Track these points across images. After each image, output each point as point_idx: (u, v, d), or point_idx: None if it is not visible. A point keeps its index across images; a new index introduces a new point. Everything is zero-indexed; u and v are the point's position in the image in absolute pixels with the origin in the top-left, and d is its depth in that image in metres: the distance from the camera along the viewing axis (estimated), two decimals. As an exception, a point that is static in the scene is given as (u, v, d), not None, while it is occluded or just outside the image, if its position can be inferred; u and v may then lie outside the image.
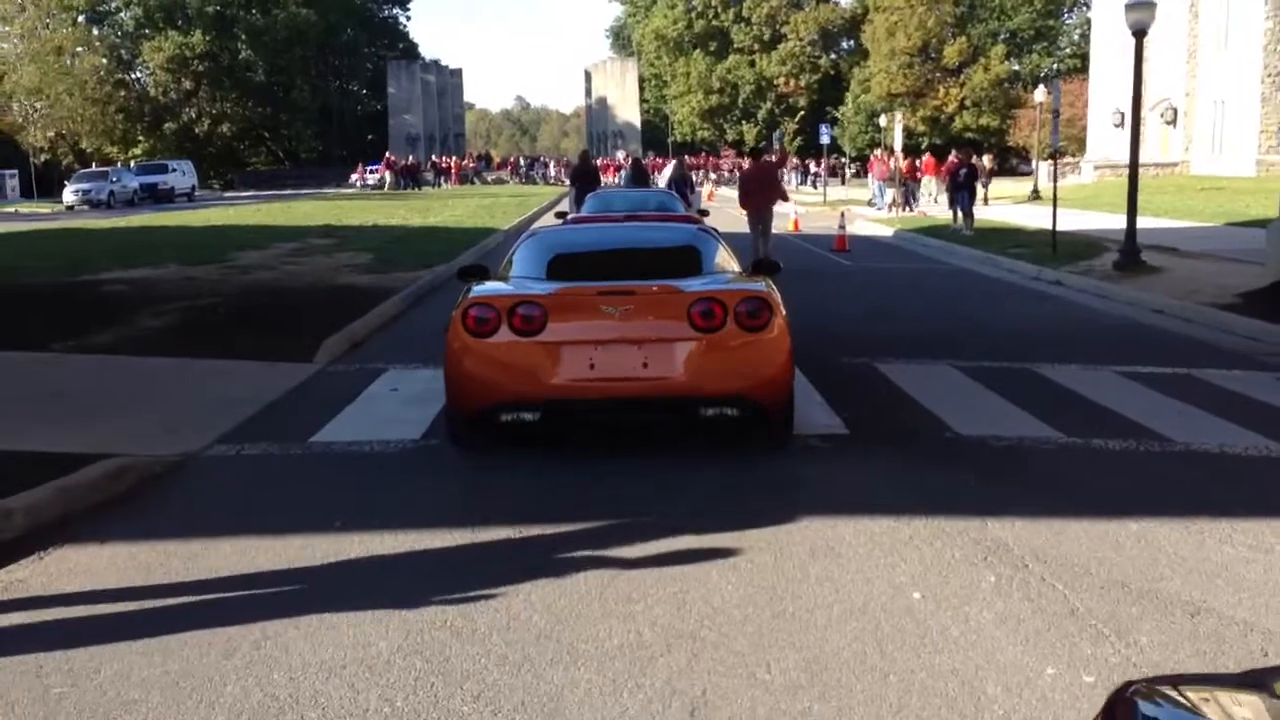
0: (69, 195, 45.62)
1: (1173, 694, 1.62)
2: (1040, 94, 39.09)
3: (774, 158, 22.94)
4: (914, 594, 4.23)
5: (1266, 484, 5.82)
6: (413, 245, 19.96)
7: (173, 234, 23.52)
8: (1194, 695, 1.61)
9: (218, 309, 11.61)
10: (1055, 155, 19.43)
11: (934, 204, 32.90)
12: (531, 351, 5.93)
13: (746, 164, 21.13)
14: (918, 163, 33.75)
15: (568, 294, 6.15)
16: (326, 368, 9.05)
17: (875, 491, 5.56)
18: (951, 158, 25.35)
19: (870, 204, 33.70)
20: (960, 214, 23.61)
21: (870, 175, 37.26)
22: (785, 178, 58.97)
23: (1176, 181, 43.49)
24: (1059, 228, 25.00)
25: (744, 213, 17.35)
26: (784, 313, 6.34)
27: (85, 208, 43.83)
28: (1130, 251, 15.50)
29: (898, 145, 29.41)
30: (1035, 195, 37.08)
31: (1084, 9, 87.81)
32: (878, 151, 39.74)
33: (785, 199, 18.36)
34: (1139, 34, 15.21)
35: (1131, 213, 15.65)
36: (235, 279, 14.37)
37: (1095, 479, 5.85)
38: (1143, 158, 51.17)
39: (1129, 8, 15.33)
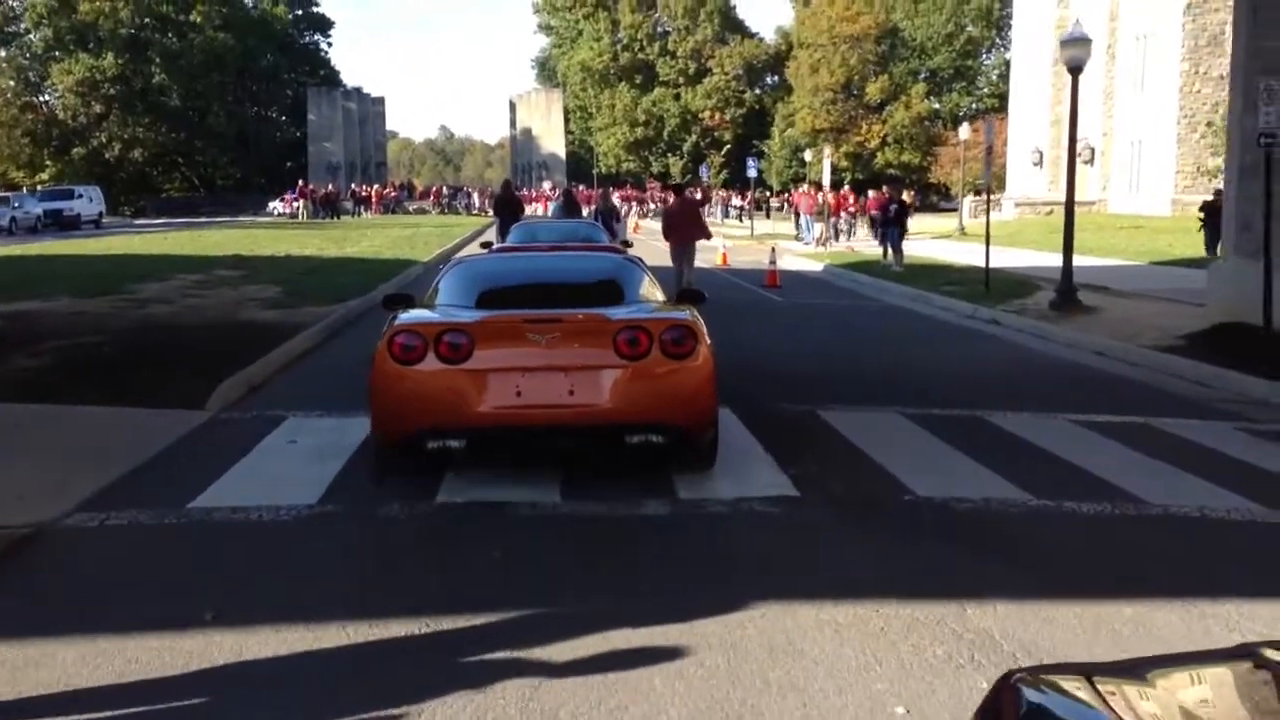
0: (-34, 222, 43.54)
1: (1054, 679, 1.67)
2: (965, 131, 39.37)
3: (698, 194, 22.72)
4: (897, 708, 3.56)
5: (1261, 555, 5.29)
6: (326, 277, 19.02)
7: (70, 263, 22.23)
8: (1073, 682, 1.66)
9: (104, 348, 10.63)
10: (988, 191, 19.16)
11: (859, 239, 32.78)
12: (458, 379, 5.91)
13: (671, 199, 21.09)
14: (850, 197, 33.62)
15: (494, 321, 6.16)
16: (219, 415, 8.18)
17: (836, 568, 4.91)
18: (878, 193, 25.11)
19: (798, 238, 33.43)
20: (890, 250, 23.33)
21: (798, 209, 37.10)
22: (710, 212, 58.99)
23: (1095, 219, 44.01)
24: (975, 263, 25.02)
25: (667, 245, 17.65)
26: (708, 341, 6.36)
27: (-17, 234, 41.87)
28: (1067, 291, 15.21)
29: (826, 180, 29.19)
30: (961, 231, 37.25)
31: (1002, 50, 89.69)
32: (805, 186, 39.71)
33: (708, 236, 18.64)
34: (1074, 70, 14.99)
35: (1068, 251, 15.39)
36: (129, 313, 13.36)
37: (1075, 550, 5.27)
38: (1059, 196, 51.73)
39: (1065, 44, 15.14)
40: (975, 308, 16.31)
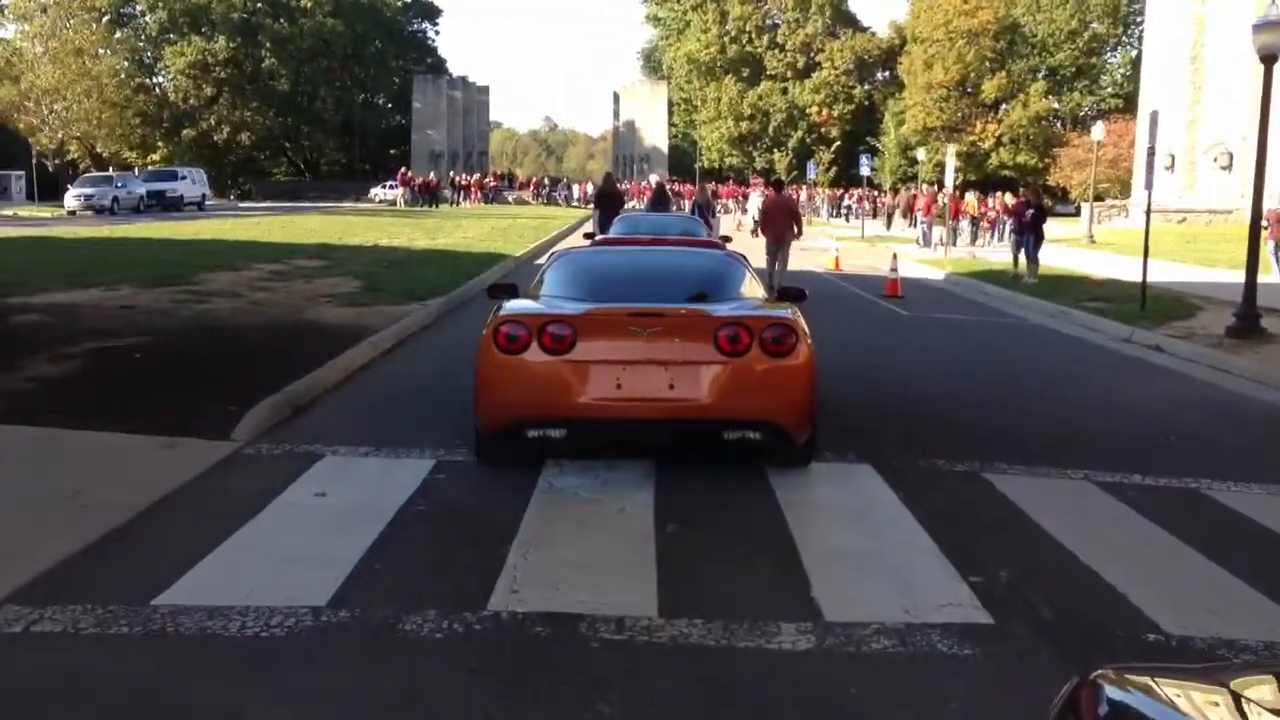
0: (70, 200, 43.69)
1: (1137, 679, 1.67)
2: (1099, 130, 36.65)
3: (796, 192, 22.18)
4: None
5: None
6: (409, 271, 17.69)
7: (151, 247, 21.33)
8: (1155, 682, 1.65)
9: (137, 353, 9.30)
10: (1149, 196, 16.98)
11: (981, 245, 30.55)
12: (560, 369, 5.99)
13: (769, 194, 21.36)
14: (977, 201, 31.32)
15: (597, 314, 6.19)
16: (245, 448, 6.72)
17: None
18: (1012, 197, 22.97)
19: (916, 243, 31.28)
20: (1023, 259, 21.20)
21: (916, 212, 34.94)
22: (817, 209, 56.82)
23: (1235, 230, 40.84)
24: (1128, 277, 22.70)
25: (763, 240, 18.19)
26: (809, 339, 6.36)
27: (89, 213, 41.88)
28: (1249, 315, 13.09)
29: (949, 180, 27.06)
30: (1090, 239, 34.70)
31: (1128, 48, 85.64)
32: (924, 187, 37.47)
33: (799, 234, 18.71)
34: (1269, 60, 12.82)
35: (1252, 268, 13.28)
36: (185, 309, 12.10)
37: None
38: (1194, 203, 48.49)
39: (1258, 29, 12.98)
40: (1131, 329, 14.26)
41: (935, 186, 38.54)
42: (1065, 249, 31.38)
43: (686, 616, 4.25)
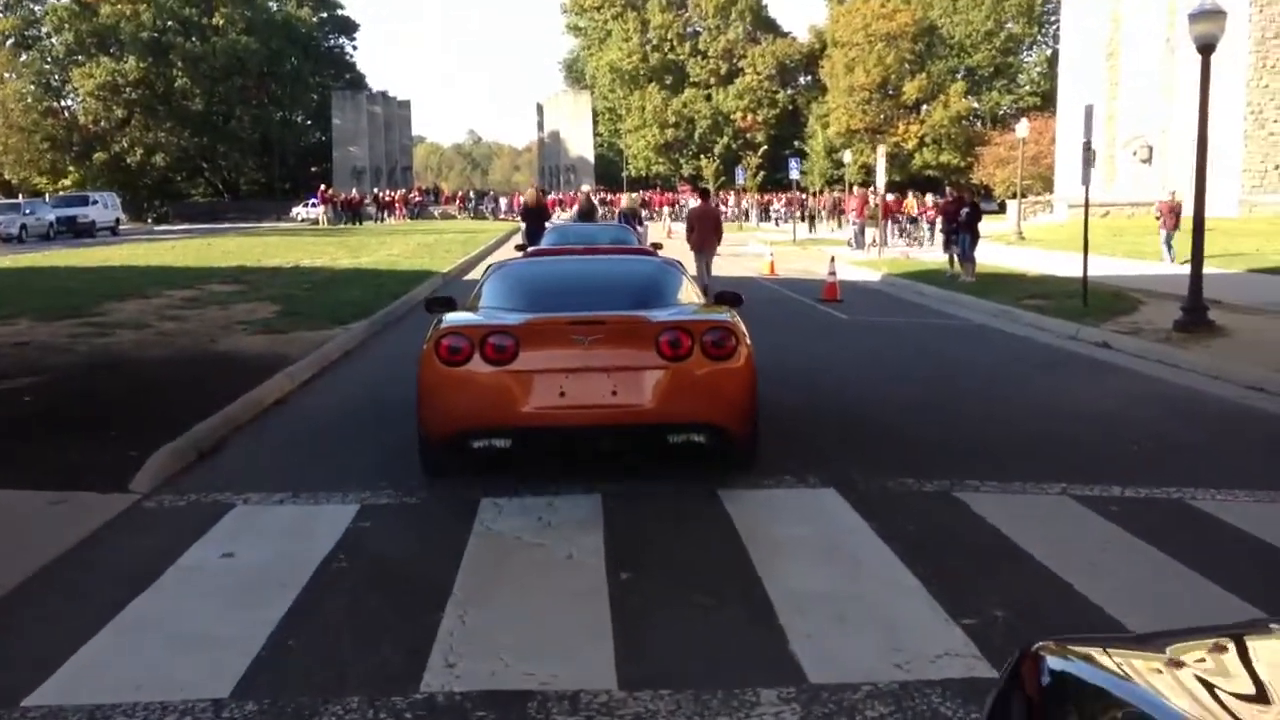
0: (-27, 228, 41.90)
1: (1078, 649, 1.71)
2: (1023, 128, 36.86)
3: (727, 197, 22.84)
4: None
5: None
6: (332, 293, 16.93)
7: (56, 276, 20.27)
8: (1095, 650, 1.70)
9: (27, 396, 8.51)
10: (1086, 189, 16.78)
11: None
12: (503, 380, 6.00)
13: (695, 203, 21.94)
14: (914, 201, 31.25)
15: (539, 324, 6.18)
16: (144, 501, 6.03)
17: None
18: (937, 197, 22.79)
19: (848, 244, 31.08)
20: (958, 258, 21.01)
21: (847, 213, 34.80)
22: (746, 213, 56.73)
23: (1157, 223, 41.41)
24: (1063, 273, 22.63)
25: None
26: (749, 342, 6.37)
27: (-7, 241, 40.25)
28: (1196, 309, 12.88)
29: (880, 181, 26.86)
30: (1019, 235, 34.82)
31: (1043, 47, 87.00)
32: (853, 188, 37.36)
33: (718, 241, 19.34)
34: (1205, 50, 12.63)
35: (1197, 260, 13.09)
36: (85, 343, 11.27)
37: None
38: (1116, 196, 49.09)
39: (1194, 19, 12.79)
40: (1077, 327, 14.01)
41: (864, 188, 38.53)
42: (996, 246, 31.42)
43: (651, 688, 3.68)
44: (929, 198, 33.99)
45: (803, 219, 48.21)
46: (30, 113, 72.30)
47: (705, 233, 18.62)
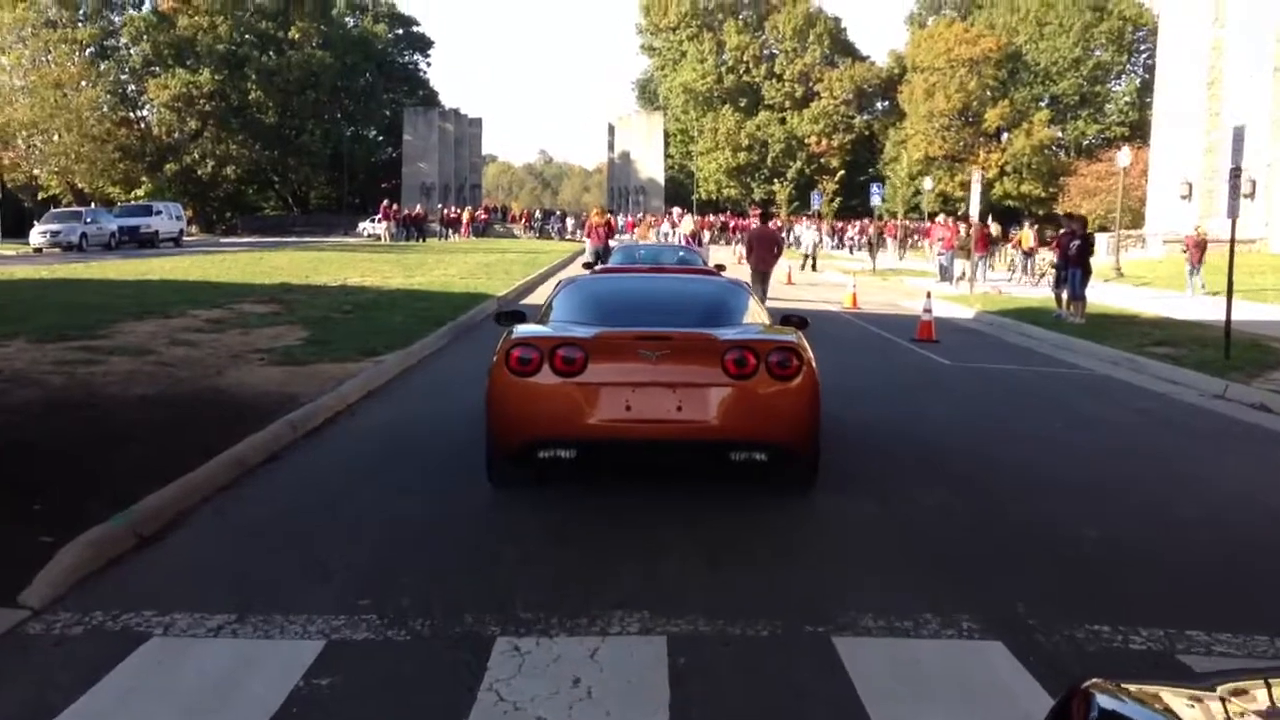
0: (36, 237, 41.40)
1: (1129, 688, 1.69)
2: (1125, 156, 34.40)
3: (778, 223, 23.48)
4: None
5: None
6: (372, 317, 15.34)
7: (85, 290, 18.93)
8: (1147, 691, 1.68)
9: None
10: (1233, 225, 14.67)
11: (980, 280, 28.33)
12: (571, 391, 6.06)
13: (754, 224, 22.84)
14: (1029, 233, 29.13)
15: (607, 337, 6.25)
16: (30, 622, 4.35)
17: None
18: (1057, 229, 20.71)
19: (935, 277, 28.98)
20: (1066, 297, 18.92)
21: (931, 243, 32.70)
22: (822, 241, 54.82)
23: (1262, 260, 38.70)
24: (1178, 315, 20.44)
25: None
26: (813, 363, 6.34)
27: (56, 250, 39.67)
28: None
29: (974, 210, 24.76)
30: (1118, 272, 32.42)
31: (1133, 76, 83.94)
32: (942, 217, 35.23)
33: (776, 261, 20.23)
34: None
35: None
36: (66, 373, 9.68)
37: None
38: (1215, 232, 46.36)
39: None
40: (1224, 384, 11.94)
41: (950, 216, 36.41)
42: (1095, 282, 29.12)
43: None
44: (1027, 230, 31.70)
45: (865, 247, 46.09)
46: (104, 122, 72.72)
47: (765, 254, 19.26)
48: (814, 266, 37.16)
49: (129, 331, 12.75)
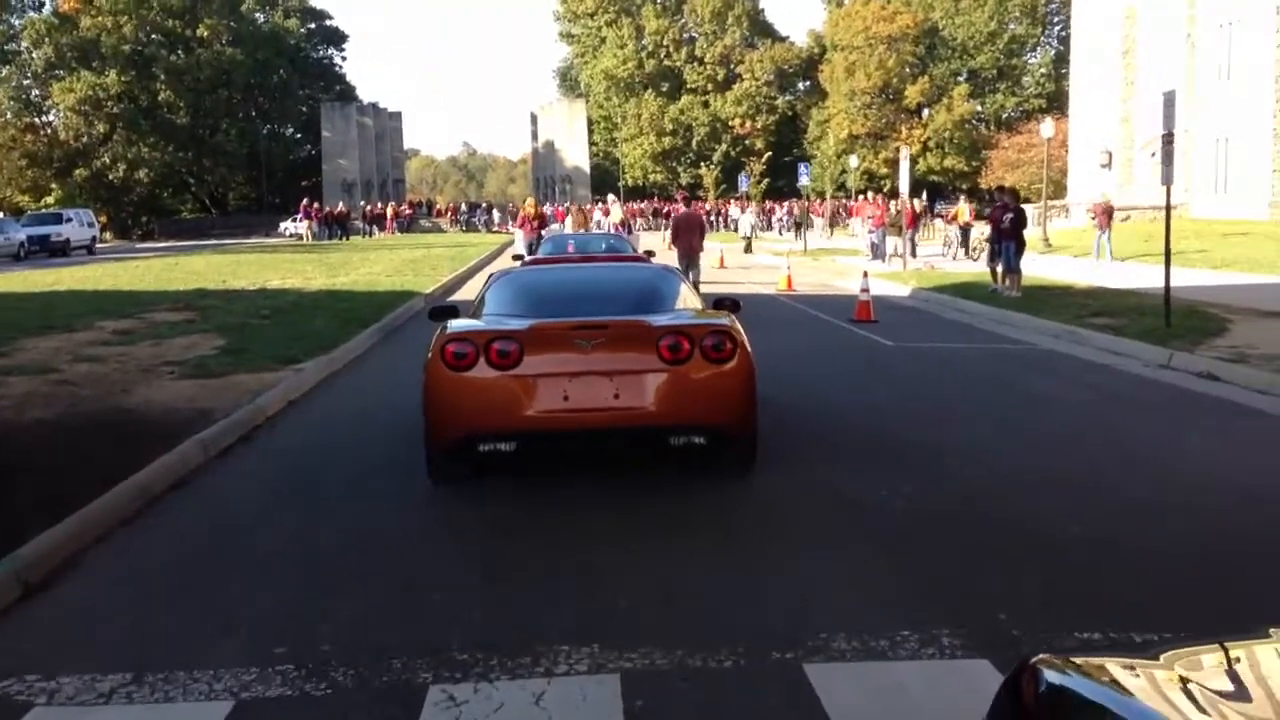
0: (-61, 249, 39.74)
1: (1076, 661, 1.70)
2: (1048, 128, 34.59)
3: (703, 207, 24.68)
4: None
5: None
6: (291, 322, 14.67)
7: (-13, 305, 18.00)
8: (1094, 664, 1.70)
9: None
10: (1168, 193, 14.53)
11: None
12: (508, 384, 6.04)
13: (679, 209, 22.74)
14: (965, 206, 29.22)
15: (542, 329, 6.20)
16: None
17: None
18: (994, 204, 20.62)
19: (865, 255, 28.83)
20: (1001, 271, 18.80)
21: (862, 220, 32.59)
22: (755, 223, 54.76)
23: (1187, 226, 39.25)
24: (1112, 284, 20.45)
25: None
26: (748, 346, 6.37)
27: (-38, 263, 38.12)
28: (1324, 332, 10.66)
29: (905, 186, 24.60)
30: (1046, 243, 32.58)
31: (1048, 48, 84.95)
32: (869, 195, 35.15)
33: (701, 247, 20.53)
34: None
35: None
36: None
37: None
38: (1135, 199, 46.81)
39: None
40: (1168, 353, 11.79)
41: (880, 195, 36.39)
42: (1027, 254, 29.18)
43: None
44: (963, 205, 31.70)
45: (792, 228, 45.99)
46: (9, 129, 70.24)
47: (692, 239, 19.58)
48: (749, 249, 37.00)
49: (29, 348, 11.98)
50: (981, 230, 26.62)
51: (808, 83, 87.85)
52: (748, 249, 36.91)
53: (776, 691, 3.72)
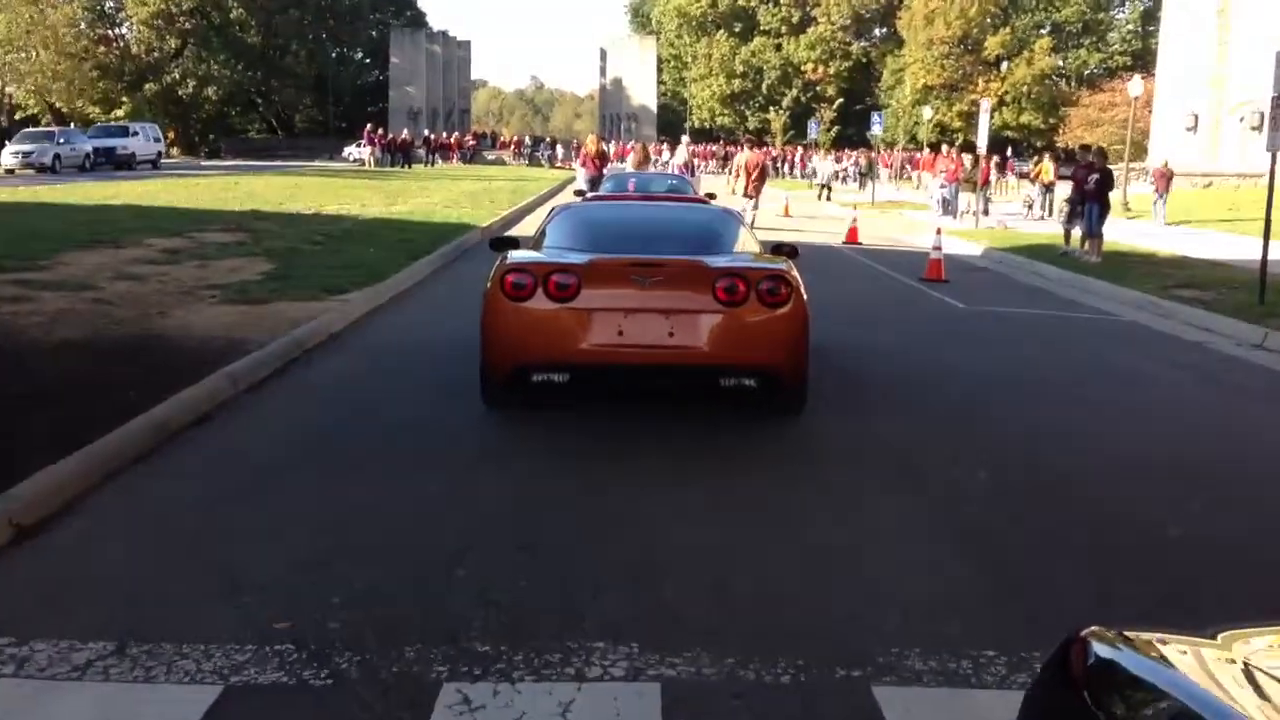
0: (7, 158, 40.03)
1: (1127, 635, 1.66)
2: (1137, 86, 33.14)
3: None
4: None
5: None
6: (343, 249, 14.28)
7: (42, 214, 17.75)
8: (1145, 640, 1.65)
9: None
10: (1274, 157, 13.57)
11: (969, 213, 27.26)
12: (564, 317, 6.06)
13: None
14: (1049, 165, 28.26)
15: (601, 264, 6.26)
16: None
17: None
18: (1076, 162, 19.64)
19: (945, 211, 27.83)
20: (1080, 234, 17.91)
21: (930, 174, 31.50)
22: (814, 169, 53.61)
23: (1263, 196, 37.48)
24: (1196, 254, 19.44)
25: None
26: (803, 291, 6.37)
27: (30, 171, 38.36)
28: None
29: (983, 142, 23.55)
30: (1125, 207, 31.31)
31: (1136, 4, 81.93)
32: (945, 149, 33.93)
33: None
34: None
35: None
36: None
37: None
38: (1221, 166, 44.95)
39: None
40: (1263, 331, 11.01)
41: (954, 149, 35.19)
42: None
43: None
44: (1047, 163, 30.52)
45: (858, 179, 44.80)
46: (81, 39, 70.39)
47: (752, 179, 21.39)
48: (828, 197, 36.16)
49: (72, 263, 11.67)
50: (1062, 190, 25.56)
51: (884, 29, 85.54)
52: (826, 197, 36.08)
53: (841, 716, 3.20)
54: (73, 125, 54.43)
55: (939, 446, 6.27)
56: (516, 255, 6.65)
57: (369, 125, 56.11)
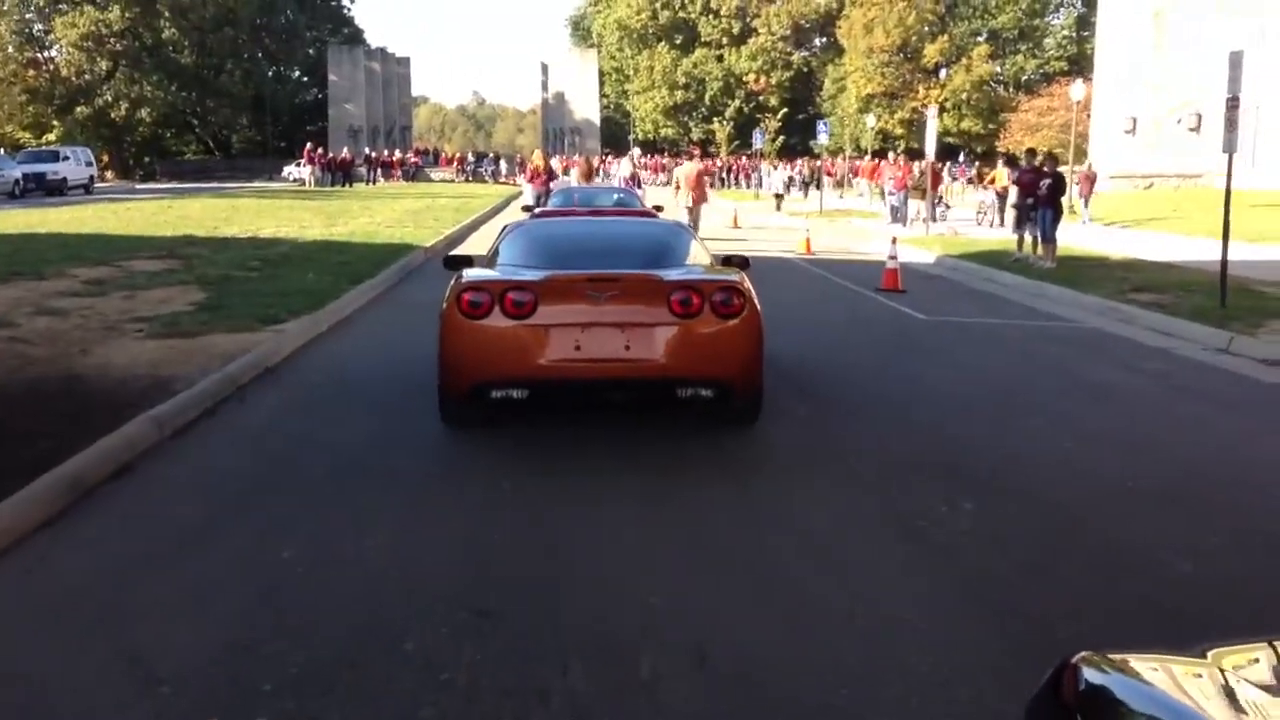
0: (-69, 186, 38.74)
1: (1117, 660, 1.66)
2: (1078, 90, 33.33)
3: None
4: None
5: None
6: (280, 275, 13.68)
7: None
8: (1136, 664, 1.65)
9: None
10: (1229, 159, 13.43)
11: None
12: (522, 333, 6.13)
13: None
14: (1003, 170, 27.92)
15: (556, 280, 6.29)
16: None
17: None
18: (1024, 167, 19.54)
19: (895, 218, 27.69)
20: (1034, 239, 17.77)
21: (874, 182, 31.38)
22: (760, 179, 53.49)
23: (1212, 197, 38.01)
24: (1149, 256, 19.40)
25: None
26: (756, 302, 6.50)
27: (-48, 200, 37.13)
28: None
29: (930, 148, 23.43)
30: (1070, 210, 31.42)
31: (1071, 9, 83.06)
32: (891, 156, 33.86)
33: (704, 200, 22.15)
34: None
35: None
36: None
37: None
38: (1162, 167, 45.40)
39: None
40: (1228, 335, 10.82)
41: (902, 155, 35.21)
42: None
43: None
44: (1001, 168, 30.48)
45: (814, 187, 44.73)
46: (10, 63, 68.71)
47: (695, 190, 21.15)
48: (779, 207, 36.08)
49: (-15, 299, 11.02)
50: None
51: (824, 39, 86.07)
52: (777, 207, 36.02)
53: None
54: (1, 151, 52.95)
55: (912, 479, 5.89)
56: (472, 274, 6.66)
57: (309, 144, 55.27)
